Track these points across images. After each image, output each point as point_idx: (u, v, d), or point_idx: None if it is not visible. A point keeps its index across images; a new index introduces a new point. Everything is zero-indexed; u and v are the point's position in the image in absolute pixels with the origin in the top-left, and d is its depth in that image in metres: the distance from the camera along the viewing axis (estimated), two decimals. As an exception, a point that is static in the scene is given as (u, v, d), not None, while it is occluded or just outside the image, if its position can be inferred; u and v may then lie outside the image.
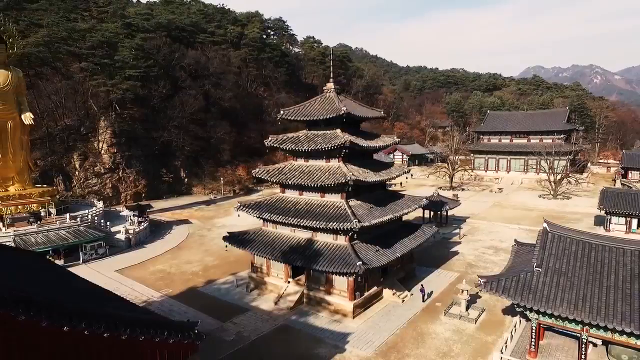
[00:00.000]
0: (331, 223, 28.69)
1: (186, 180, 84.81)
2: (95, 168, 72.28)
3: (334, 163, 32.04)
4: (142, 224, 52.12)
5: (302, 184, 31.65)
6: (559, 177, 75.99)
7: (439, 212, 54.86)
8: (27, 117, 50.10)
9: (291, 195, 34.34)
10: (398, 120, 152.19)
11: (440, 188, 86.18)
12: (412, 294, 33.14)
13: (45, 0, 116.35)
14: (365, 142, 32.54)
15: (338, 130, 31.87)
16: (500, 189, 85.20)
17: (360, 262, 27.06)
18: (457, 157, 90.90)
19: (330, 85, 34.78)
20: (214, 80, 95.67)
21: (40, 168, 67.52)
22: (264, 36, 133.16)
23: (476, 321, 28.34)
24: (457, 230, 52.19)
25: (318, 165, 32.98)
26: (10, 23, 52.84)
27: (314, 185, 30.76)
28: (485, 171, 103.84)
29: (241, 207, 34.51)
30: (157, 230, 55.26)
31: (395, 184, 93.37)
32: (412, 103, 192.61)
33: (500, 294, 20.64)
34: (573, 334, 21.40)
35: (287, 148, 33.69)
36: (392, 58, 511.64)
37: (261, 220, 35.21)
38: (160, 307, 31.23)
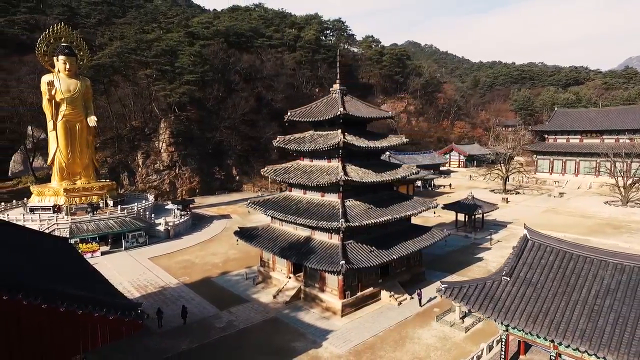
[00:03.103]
0: (322, 222, 29.34)
1: (237, 177, 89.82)
2: (155, 165, 79.78)
3: (334, 163, 32.57)
4: (183, 217, 56.76)
5: (303, 183, 32.63)
6: (629, 181, 67.66)
7: (473, 216, 52.28)
8: (92, 120, 57.03)
9: (296, 194, 35.52)
10: (459, 119, 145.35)
11: (493, 191, 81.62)
12: (412, 298, 32.46)
13: (131, 14, 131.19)
14: (367, 142, 32.50)
15: (339, 131, 32.25)
16: (561, 193, 78.01)
17: (344, 262, 27.37)
18: (509, 159, 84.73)
19: (336, 86, 35.26)
20: (267, 83, 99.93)
21: (109, 165, 76.33)
22: (322, 37, 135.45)
23: (467, 330, 27.15)
24: (491, 236, 49.29)
25: (320, 165, 33.76)
26: (81, 39, 60.28)
27: (311, 184, 31.62)
28: (550, 174, 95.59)
29: (250, 204, 36.49)
30: (199, 223, 59.70)
31: (444, 186, 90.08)
32: (480, 101, 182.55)
33: (460, 301, 19.81)
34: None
35: (292, 148, 34.87)
36: (465, 54, 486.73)
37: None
38: (171, 292, 34.38)
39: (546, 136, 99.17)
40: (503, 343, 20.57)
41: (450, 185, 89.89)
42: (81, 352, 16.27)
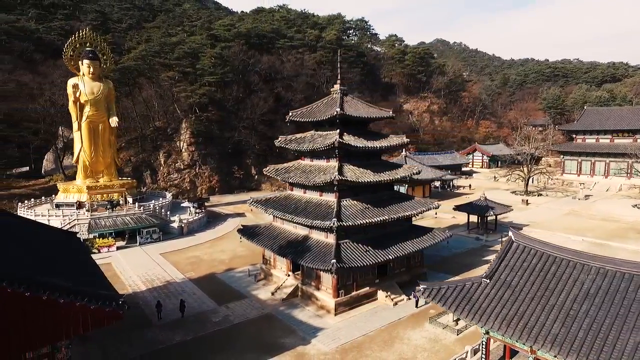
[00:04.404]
0: (316, 221, 29.68)
1: (256, 177, 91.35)
2: (176, 164, 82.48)
3: (332, 163, 32.85)
4: (198, 214, 58.44)
5: (302, 182, 33.12)
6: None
7: (485, 218, 51.11)
8: (113, 121, 59.59)
9: (297, 193, 36.06)
10: (485, 118, 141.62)
11: (515, 192, 79.36)
12: (409, 299, 32.25)
13: (160, 18, 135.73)
14: (365, 142, 32.54)
15: (337, 131, 32.47)
16: (587, 195, 74.77)
17: (334, 261, 27.61)
18: (535, 159, 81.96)
19: (337, 86, 35.47)
20: (286, 83, 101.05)
21: (133, 163, 79.54)
22: (344, 37, 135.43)
23: (459, 333, 26.76)
24: (502, 238, 48.05)
25: (319, 165, 34.14)
26: (105, 43, 63.15)
27: (309, 183, 32.04)
28: (578, 175, 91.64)
29: (252, 202, 37.30)
30: (214, 221, 61.27)
31: (464, 187, 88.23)
32: (509, 99, 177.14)
33: (437, 302, 19.69)
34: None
35: (293, 148, 35.49)
36: (496, 51, 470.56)
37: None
38: (175, 287, 35.67)
39: (574, 136, 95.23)
40: (483, 346, 20.27)
41: (470, 186, 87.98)
42: (64, 337, 17.37)
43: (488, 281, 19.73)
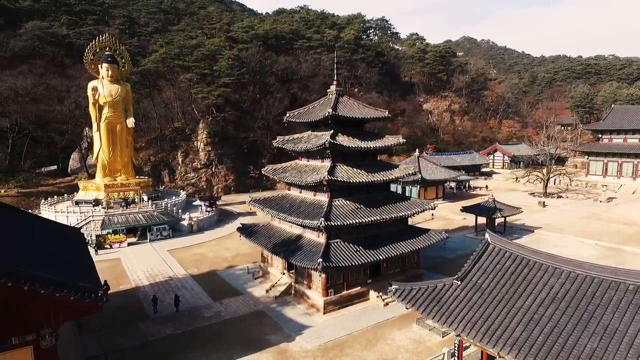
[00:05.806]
0: (306, 220, 30.10)
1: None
2: (193, 164, 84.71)
3: (326, 163, 33.15)
4: (208, 213, 59.95)
5: (296, 182, 33.68)
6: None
7: (494, 219, 50.00)
8: (130, 122, 61.99)
9: (293, 193, 36.61)
10: (508, 117, 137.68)
11: (533, 194, 77.12)
12: (401, 300, 32.09)
13: (184, 21, 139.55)
14: (358, 143, 32.66)
15: (331, 132, 32.74)
16: (610, 198, 71.67)
17: (321, 260, 27.90)
18: (557, 159, 79.26)
19: (333, 87, 35.79)
20: (303, 83, 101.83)
21: (152, 163, 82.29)
22: (363, 36, 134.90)
23: (444, 335, 26.52)
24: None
25: (313, 164, 34.56)
26: (123, 47, 65.73)
27: (302, 183, 32.51)
28: (604, 176, 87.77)
29: (251, 202, 38.09)
30: (225, 219, 62.69)
31: (481, 187, 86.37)
32: (537, 98, 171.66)
33: (407, 303, 19.71)
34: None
35: (289, 148, 36.03)
36: (526, 48, 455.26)
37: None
38: (176, 282, 36.92)
39: (600, 136, 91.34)
40: (456, 348, 20.14)
41: (486, 187, 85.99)
42: (45, 326, 18.51)
43: (459, 283, 19.60)
